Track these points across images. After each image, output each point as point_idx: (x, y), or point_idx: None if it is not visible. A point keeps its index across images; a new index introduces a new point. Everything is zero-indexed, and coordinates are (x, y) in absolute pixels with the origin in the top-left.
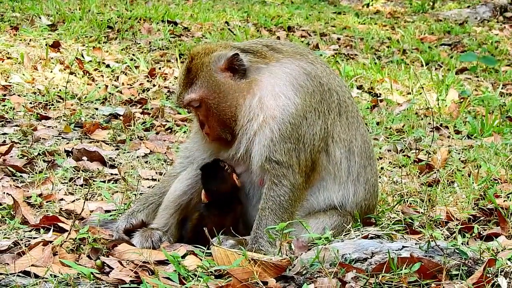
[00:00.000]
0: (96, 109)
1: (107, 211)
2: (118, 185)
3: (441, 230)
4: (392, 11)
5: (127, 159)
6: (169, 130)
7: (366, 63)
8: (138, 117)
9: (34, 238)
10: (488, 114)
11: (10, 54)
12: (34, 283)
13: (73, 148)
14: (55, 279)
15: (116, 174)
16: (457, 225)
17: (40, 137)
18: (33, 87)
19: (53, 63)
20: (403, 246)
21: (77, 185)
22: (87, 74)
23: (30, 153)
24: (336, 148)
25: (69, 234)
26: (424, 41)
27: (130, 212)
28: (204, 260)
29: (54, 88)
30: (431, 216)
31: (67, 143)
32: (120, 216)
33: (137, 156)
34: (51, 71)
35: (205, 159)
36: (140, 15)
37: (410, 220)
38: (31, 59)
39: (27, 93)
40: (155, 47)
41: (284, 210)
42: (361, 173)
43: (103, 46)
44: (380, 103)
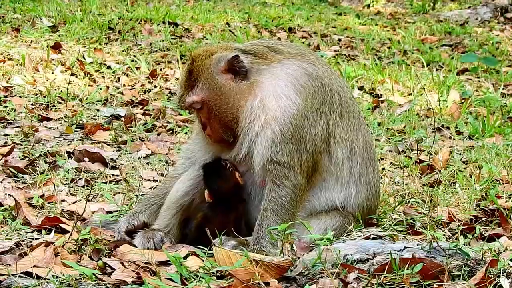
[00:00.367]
0: (98, 110)
1: (109, 212)
2: (120, 186)
3: (443, 231)
4: (393, 12)
5: (129, 160)
6: (171, 131)
7: (367, 64)
8: (140, 118)
9: (36, 239)
10: (490, 115)
11: (11, 56)
12: (36, 284)
13: (75, 149)
14: (57, 280)
15: (118, 175)
16: (459, 226)
17: (42, 138)
18: (35, 89)
19: (54, 65)
20: (405, 247)
21: (79, 186)
22: (88, 76)
23: (32, 154)
24: (338, 149)
25: (71, 235)
26: (425, 42)
27: (132, 213)
28: (206, 261)
29: (55, 90)
30: (433, 217)
31: (69, 144)
32: (122, 217)
33: (139, 157)
34: (52, 73)
35: (207, 160)
36: (141, 17)
37: (412, 221)
38: (32, 61)
39: (29, 95)
40: (156, 48)
41: (286, 211)
42: (363, 174)
43: (104, 48)
44: (381, 104)
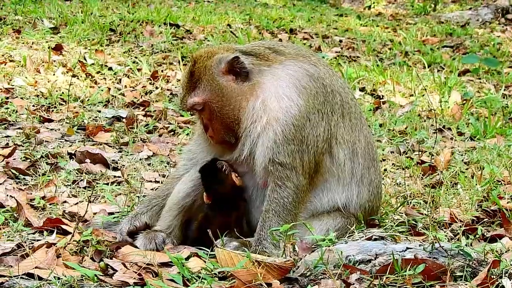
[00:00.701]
0: (99, 112)
1: (111, 213)
2: (121, 187)
3: (445, 232)
4: (394, 13)
5: (130, 162)
6: (172, 132)
7: (369, 65)
8: (141, 120)
9: (38, 241)
10: (491, 116)
11: (13, 57)
12: (38, 285)
13: (76, 151)
14: (59, 281)
15: (119, 177)
16: (461, 227)
17: (43, 140)
18: (36, 90)
19: (56, 66)
20: (407, 248)
21: (80, 188)
22: (90, 77)
23: (33, 156)
24: (340, 150)
25: (73, 236)
26: (426, 43)
27: (134, 215)
28: (208, 262)
29: (57, 91)
30: (435, 218)
31: (70, 146)
32: (124, 219)
33: (140, 159)
34: (54, 74)
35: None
36: (142, 18)
37: (414, 222)
38: (34, 62)
39: (30, 96)
40: (157, 50)
41: (288, 212)
42: (365, 175)
43: (106, 49)
44: (383, 105)
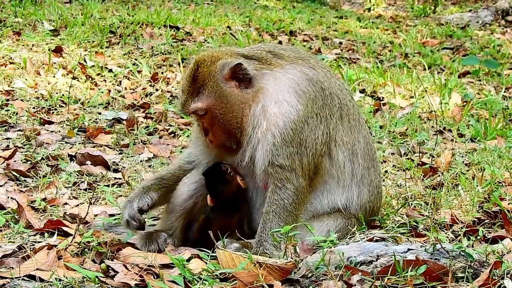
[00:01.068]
0: (99, 114)
1: (111, 215)
2: (122, 189)
3: (446, 233)
4: (394, 15)
5: (131, 163)
6: (172, 134)
7: (369, 67)
8: (141, 122)
9: (39, 242)
10: (491, 117)
11: (13, 59)
12: (39, 287)
13: (77, 153)
14: (60, 283)
15: (120, 178)
16: (462, 228)
17: (44, 142)
18: (36, 92)
19: (56, 68)
20: (409, 249)
21: (81, 189)
22: (90, 79)
23: (34, 158)
24: (339, 152)
25: (74, 238)
26: (426, 45)
27: (144, 189)
28: (209, 264)
29: (57, 93)
30: (436, 219)
31: (71, 148)
32: (131, 192)
33: (141, 160)
34: (54, 76)
35: (209, 164)
36: (142, 20)
37: (415, 223)
38: (34, 64)
39: (30, 98)
40: (158, 52)
41: (288, 213)
42: (365, 175)
43: (106, 51)
44: (383, 107)
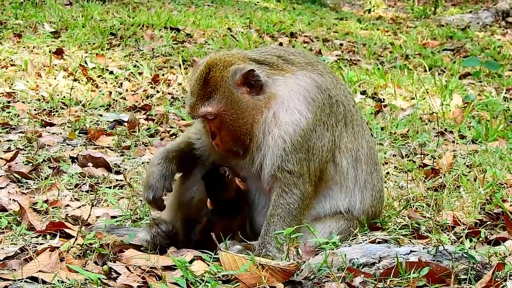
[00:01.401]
0: (101, 116)
1: (113, 217)
2: (124, 191)
3: (448, 235)
4: (394, 17)
5: (132, 165)
6: (174, 136)
7: (369, 69)
8: (143, 123)
9: (41, 244)
10: (492, 119)
11: (14, 61)
12: None
13: (78, 155)
14: (63, 285)
15: (122, 180)
16: (464, 230)
17: (45, 144)
18: (37, 94)
19: (57, 70)
20: (411, 251)
21: (83, 191)
22: (91, 81)
23: (35, 160)
24: (343, 158)
25: (76, 240)
26: (427, 47)
27: (162, 170)
28: (212, 265)
29: (58, 95)
30: (438, 221)
31: (72, 150)
32: (153, 169)
33: (142, 162)
34: (55, 78)
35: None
36: (143, 22)
37: (417, 225)
38: (35, 66)
39: (31, 100)
40: (158, 54)
41: (293, 218)
42: (368, 180)
43: (106, 53)
44: (384, 108)
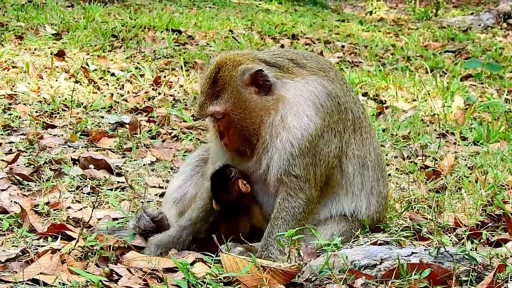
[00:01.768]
0: (102, 118)
1: (115, 219)
2: (125, 193)
3: (449, 237)
4: (396, 19)
5: (134, 167)
6: (175, 138)
7: (371, 70)
8: (144, 125)
9: (42, 246)
10: (494, 121)
11: (15, 63)
12: None
13: (80, 156)
14: (64, 287)
15: (123, 182)
16: (465, 231)
17: (47, 146)
18: (39, 96)
19: (58, 72)
20: (412, 252)
21: (84, 193)
22: (92, 83)
23: (37, 162)
24: (350, 165)
25: (77, 242)
26: (428, 48)
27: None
28: (213, 267)
29: (60, 97)
30: (439, 223)
31: (74, 152)
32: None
33: (144, 164)
34: (56, 80)
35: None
36: (144, 24)
37: (418, 227)
38: (36, 68)
39: (33, 102)
40: (160, 56)
41: (297, 222)
42: (374, 186)
43: (108, 55)
44: (386, 110)
